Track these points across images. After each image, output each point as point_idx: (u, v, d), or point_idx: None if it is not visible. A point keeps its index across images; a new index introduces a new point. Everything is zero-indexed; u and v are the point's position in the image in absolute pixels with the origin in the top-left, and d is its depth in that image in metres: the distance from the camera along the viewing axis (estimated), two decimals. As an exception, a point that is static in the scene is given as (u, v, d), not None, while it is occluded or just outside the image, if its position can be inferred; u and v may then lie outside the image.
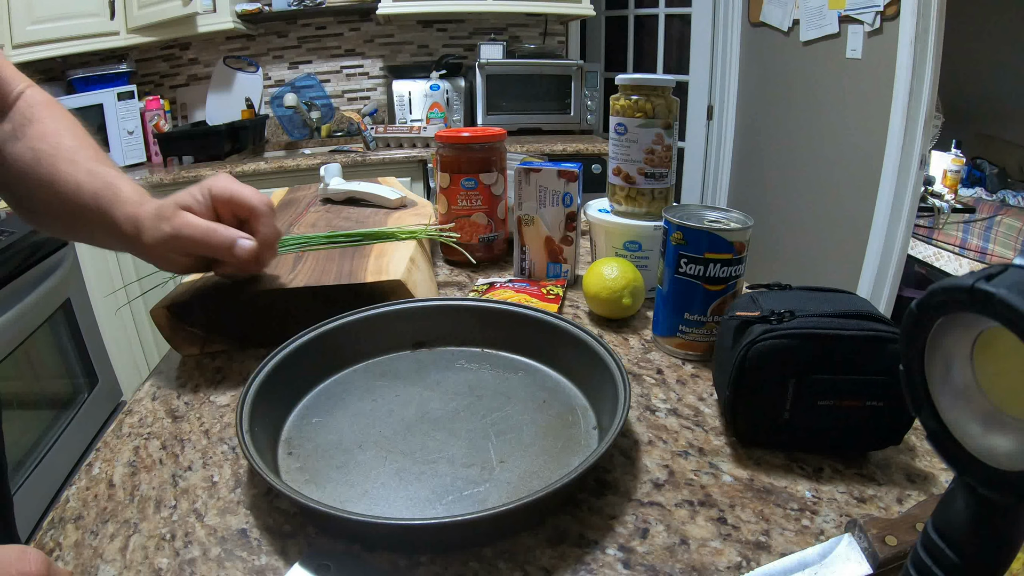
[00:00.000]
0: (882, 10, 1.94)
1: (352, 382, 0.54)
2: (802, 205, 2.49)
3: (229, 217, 0.55)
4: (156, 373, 0.60)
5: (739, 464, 0.45)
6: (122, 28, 2.23)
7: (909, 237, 2.08)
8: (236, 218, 0.55)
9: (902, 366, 0.24)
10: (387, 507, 0.40)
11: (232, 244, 0.52)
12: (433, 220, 0.84)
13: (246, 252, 0.53)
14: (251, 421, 0.43)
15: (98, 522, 0.40)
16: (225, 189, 0.54)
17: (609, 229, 0.71)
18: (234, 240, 0.52)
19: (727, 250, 0.53)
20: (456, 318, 0.58)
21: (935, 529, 0.26)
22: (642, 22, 3.13)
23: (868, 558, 0.34)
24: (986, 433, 0.22)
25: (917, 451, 0.45)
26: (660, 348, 0.61)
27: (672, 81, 0.66)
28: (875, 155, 2.04)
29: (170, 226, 0.51)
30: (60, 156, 0.55)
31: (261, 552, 0.37)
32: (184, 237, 0.52)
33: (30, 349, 1.55)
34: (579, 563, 0.36)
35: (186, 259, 0.55)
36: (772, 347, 0.42)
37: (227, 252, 0.52)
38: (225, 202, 0.54)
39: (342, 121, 2.73)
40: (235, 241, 0.52)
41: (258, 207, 0.54)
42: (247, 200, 0.54)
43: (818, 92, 2.32)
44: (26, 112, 0.57)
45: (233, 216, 0.55)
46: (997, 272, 0.20)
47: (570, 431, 0.47)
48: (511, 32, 2.82)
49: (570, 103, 2.49)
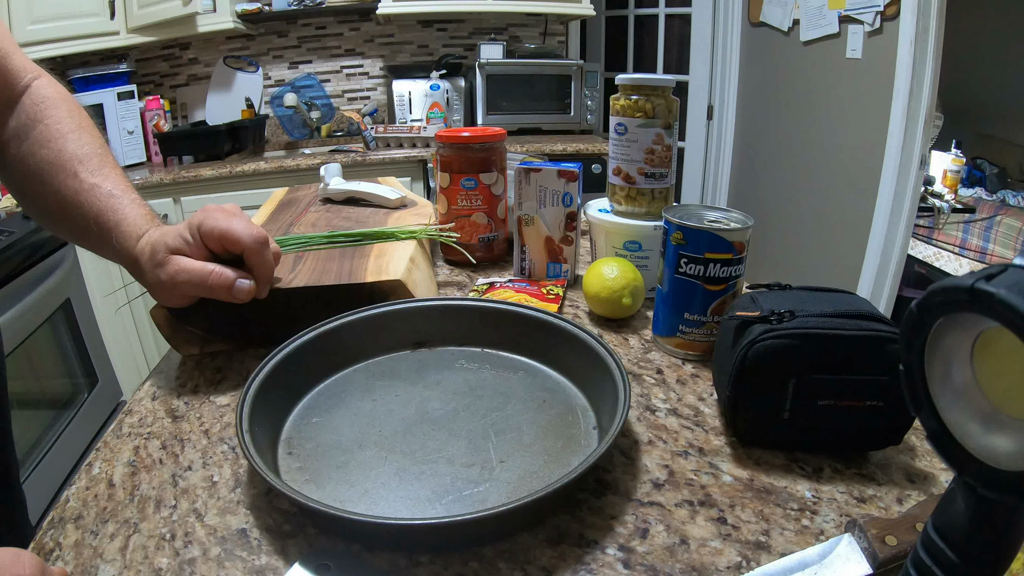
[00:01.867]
0: (882, 10, 1.94)
1: (352, 382, 0.54)
2: (802, 205, 2.49)
3: (221, 251, 0.53)
4: (156, 373, 0.60)
5: (739, 464, 0.45)
6: (122, 28, 2.23)
7: (909, 237, 2.08)
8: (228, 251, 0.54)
9: (902, 366, 0.24)
10: (387, 507, 0.40)
11: (230, 287, 0.52)
12: (433, 220, 0.84)
13: (245, 293, 0.52)
14: (251, 421, 0.43)
15: (98, 522, 0.40)
16: (214, 228, 0.52)
17: (609, 229, 0.71)
18: (231, 283, 0.52)
19: (727, 250, 0.53)
20: (456, 318, 0.58)
21: (935, 529, 0.26)
22: (642, 22, 3.13)
23: (868, 558, 0.34)
24: (986, 433, 0.22)
25: (917, 451, 0.45)
26: (660, 348, 0.61)
27: (672, 81, 0.66)
28: (875, 155, 2.04)
29: (165, 274, 0.51)
30: (62, 167, 0.54)
31: (261, 552, 0.37)
32: (181, 284, 0.51)
33: (30, 349, 1.55)
34: (579, 563, 0.36)
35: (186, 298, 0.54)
36: (772, 347, 0.42)
37: (225, 294, 0.52)
38: (216, 240, 0.52)
39: (342, 121, 2.73)
40: (232, 284, 0.52)
41: (250, 245, 0.52)
42: (238, 239, 0.52)
43: (818, 92, 2.32)
44: (31, 111, 0.56)
45: (225, 250, 0.53)
46: (997, 272, 0.20)
47: (570, 431, 0.47)
48: (511, 32, 2.82)
49: (570, 103, 2.49)
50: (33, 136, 0.55)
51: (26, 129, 0.55)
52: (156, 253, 0.51)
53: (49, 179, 0.54)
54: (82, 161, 0.54)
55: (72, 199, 0.53)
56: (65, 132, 0.56)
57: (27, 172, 0.55)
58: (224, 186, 2.17)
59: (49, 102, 0.57)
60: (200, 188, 2.15)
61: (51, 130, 0.55)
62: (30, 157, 0.55)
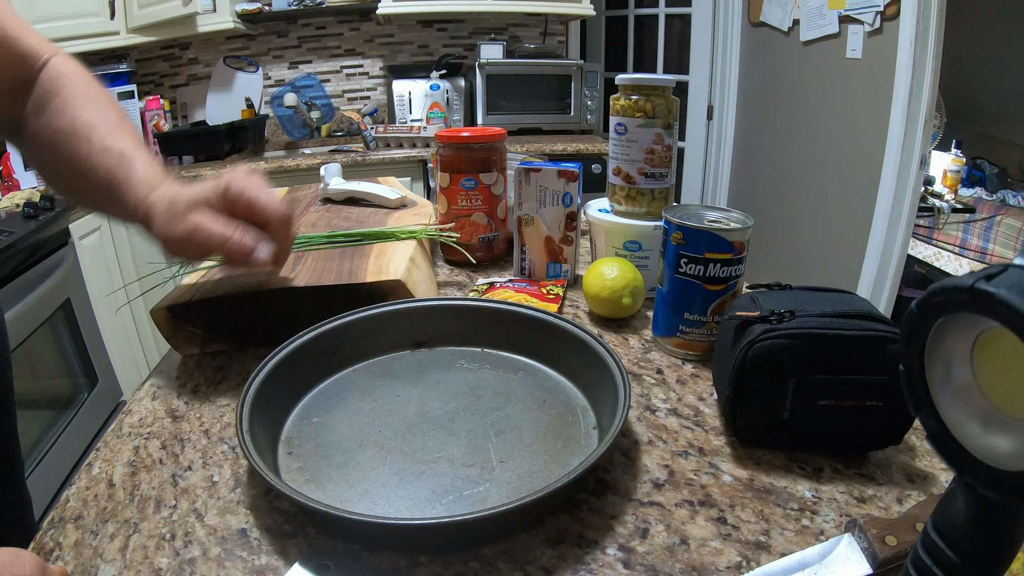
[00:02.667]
0: (882, 10, 1.94)
1: (352, 382, 0.54)
2: (802, 205, 2.49)
3: (244, 217, 0.52)
4: (156, 373, 0.60)
5: (739, 464, 0.45)
6: (122, 28, 2.23)
7: (909, 237, 2.08)
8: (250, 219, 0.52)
9: (902, 366, 0.24)
10: (387, 507, 0.40)
11: (248, 255, 0.50)
12: (433, 220, 0.84)
13: (262, 263, 0.51)
14: (251, 421, 0.43)
15: (98, 522, 0.40)
16: (242, 193, 0.51)
17: (609, 229, 0.71)
18: (251, 251, 0.50)
19: (727, 250, 0.53)
20: (456, 318, 0.58)
21: (935, 529, 0.26)
22: (642, 22, 3.13)
23: (868, 558, 0.34)
24: (986, 433, 0.22)
25: (917, 451, 0.45)
26: (660, 348, 0.61)
27: (672, 81, 0.66)
28: (875, 155, 2.04)
29: (182, 227, 0.49)
30: (76, 133, 0.53)
31: (261, 552, 0.37)
32: (198, 241, 0.50)
33: (30, 349, 1.55)
34: (579, 563, 0.36)
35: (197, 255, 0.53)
36: (772, 347, 0.42)
37: (241, 260, 0.51)
38: (243, 205, 0.51)
39: (342, 121, 2.73)
40: (251, 252, 0.50)
41: (277, 219, 0.52)
42: (266, 209, 0.51)
43: (818, 92, 2.32)
44: (48, 85, 0.56)
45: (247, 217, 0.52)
46: (997, 272, 0.20)
47: (570, 431, 0.47)
48: (511, 32, 2.82)
49: (570, 103, 2.49)
50: (50, 109, 0.55)
51: (43, 103, 0.55)
52: (175, 205, 0.50)
53: (64, 147, 0.54)
54: (94, 127, 0.54)
55: (83, 163, 0.53)
56: (80, 103, 0.55)
57: (44, 143, 0.55)
58: (224, 186, 2.16)
59: (65, 77, 0.57)
60: (200, 188, 2.15)
61: (66, 102, 0.55)
62: (46, 129, 0.55)
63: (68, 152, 0.54)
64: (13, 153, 1.98)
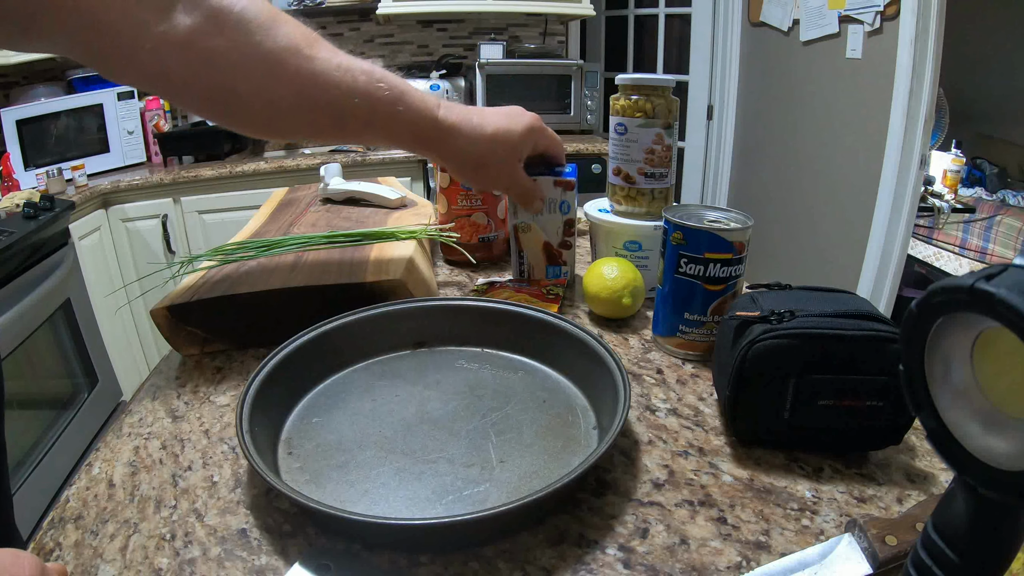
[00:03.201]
0: (882, 10, 1.94)
1: (352, 382, 0.54)
2: (802, 205, 2.49)
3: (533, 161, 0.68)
4: (156, 373, 0.60)
5: (739, 464, 0.45)
6: (122, 28, 2.23)
7: (909, 237, 2.08)
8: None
9: (902, 366, 0.24)
10: (387, 507, 0.40)
11: (533, 203, 0.69)
12: (433, 220, 0.84)
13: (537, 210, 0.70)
14: (251, 421, 0.43)
15: (98, 522, 0.40)
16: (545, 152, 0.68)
17: (609, 229, 0.71)
18: (537, 202, 0.69)
19: (727, 250, 0.53)
20: (456, 318, 0.58)
21: (935, 529, 0.26)
22: (642, 22, 3.13)
23: (868, 558, 0.34)
24: (986, 433, 0.22)
25: (917, 451, 0.45)
26: (660, 348, 0.61)
27: (672, 81, 0.66)
28: (875, 155, 2.04)
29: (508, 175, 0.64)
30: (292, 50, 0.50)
31: (261, 552, 0.37)
32: (514, 186, 0.65)
33: (30, 349, 1.55)
34: (579, 563, 0.36)
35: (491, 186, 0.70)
36: (772, 347, 0.42)
37: (528, 205, 0.69)
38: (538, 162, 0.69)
39: (342, 121, 2.72)
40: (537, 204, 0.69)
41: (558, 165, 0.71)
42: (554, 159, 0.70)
43: (818, 92, 2.32)
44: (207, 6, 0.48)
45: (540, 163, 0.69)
46: (997, 272, 0.20)
47: (570, 431, 0.47)
48: (511, 32, 2.82)
49: (570, 103, 2.49)
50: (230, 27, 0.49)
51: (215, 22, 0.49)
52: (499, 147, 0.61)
53: (276, 66, 0.50)
54: (312, 44, 0.52)
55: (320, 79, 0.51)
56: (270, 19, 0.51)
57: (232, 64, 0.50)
58: (224, 186, 2.17)
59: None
60: (200, 188, 2.15)
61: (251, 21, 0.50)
62: (234, 51, 0.49)
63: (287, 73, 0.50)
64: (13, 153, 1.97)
